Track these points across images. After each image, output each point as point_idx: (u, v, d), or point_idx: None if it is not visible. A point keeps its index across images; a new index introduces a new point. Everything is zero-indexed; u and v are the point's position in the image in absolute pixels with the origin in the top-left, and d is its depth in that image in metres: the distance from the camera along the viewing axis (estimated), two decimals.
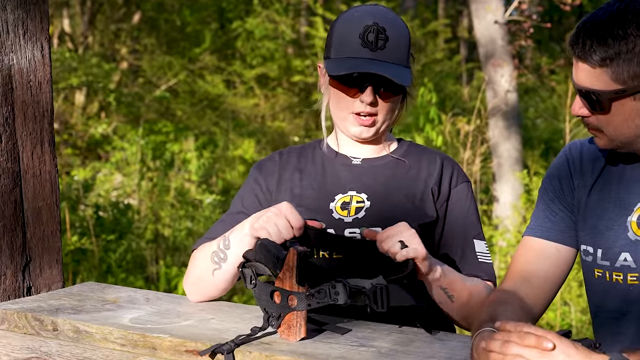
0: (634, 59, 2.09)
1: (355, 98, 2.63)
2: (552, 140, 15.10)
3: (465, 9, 20.87)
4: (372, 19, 2.61)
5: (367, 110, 2.63)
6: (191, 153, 12.99)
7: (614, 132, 2.22)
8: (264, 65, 17.12)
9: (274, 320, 2.29)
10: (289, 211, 2.39)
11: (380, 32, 2.60)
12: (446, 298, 2.49)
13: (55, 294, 2.78)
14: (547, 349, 1.85)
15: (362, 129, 2.66)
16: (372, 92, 2.60)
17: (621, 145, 2.24)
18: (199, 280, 2.62)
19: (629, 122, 2.18)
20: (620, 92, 2.14)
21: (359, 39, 2.59)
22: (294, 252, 2.25)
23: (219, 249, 2.54)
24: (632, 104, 2.15)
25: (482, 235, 2.74)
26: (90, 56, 16.82)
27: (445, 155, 2.80)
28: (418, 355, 2.15)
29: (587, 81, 2.17)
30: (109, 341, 2.39)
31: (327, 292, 2.21)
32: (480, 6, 11.04)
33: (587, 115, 2.23)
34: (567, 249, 2.40)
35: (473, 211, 2.75)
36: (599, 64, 2.13)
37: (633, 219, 2.26)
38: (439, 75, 17.41)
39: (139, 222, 10.60)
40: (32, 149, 2.79)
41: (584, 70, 2.17)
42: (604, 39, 2.11)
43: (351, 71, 2.57)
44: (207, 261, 2.58)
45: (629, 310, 2.27)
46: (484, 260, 2.67)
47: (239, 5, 18.89)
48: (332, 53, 2.65)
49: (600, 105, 2.18)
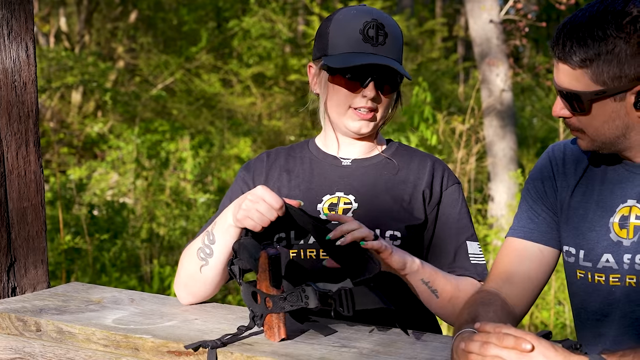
0: (613, 60, 2.09)
1: (356, 93, 2.63)
2: (548, 139, 15.10)
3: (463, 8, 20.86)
4: (371, 16, 2.64)
5: (368, 105, 2.63)
6: (187, 152, 12.97)
7: (595, 133, 2.22)
8: (261, 64, 17.11)
9: (258, 319, 2.29)
10: (266, 193, 2.37)
11: (380, 28, 2.62)
12: (430, 293, 2.49)
13: (40, 295, 2.78)
14: (526, 350, 1.85)
15: (362, 124, 2.66)
16: (374, 87, 2.61)
17: (603, 146, 2.25)
18: (189, 280, 2.60)
19: (609, 124, 2.19)
20: (600, 93, 2.14)
21: (360, 35, 2.61)
22: (265, 255, 2.25)
23: (204, 244, 2.53)
24: (613, 105, 2.16)
25: (474, 237, 2.74)
26: (86, 55, 16.80)
27: (435, 158, 2.80)
28: (399, 356, 2.16)
29: (568, 82, 2.18)
30: (91, 342, 2.39)
31: (299, 296, 2.21)
32: (476, 5, 11.04)
33: (569, 116, 2.24)
34: (549, 249, 2.40)
35: (465, 213, 2.75)
36: (578, 65, 2.13)
37: (615, 220, 2.27)
38: (435, 74, 17.41)
39: (134, 221, 10.59)
40: (17, 149, 2.78)
41: (564, 72, 2.18)
42: (583, 40, 2.11)
43: (360, 63, 2.57)
44: (194, 259, 2.57)
45: (610, 312, 2.27)
46: (477, 262, 2.67)
47: (235, 4, 18.88)
48: (330, 50, 2.65)
49: (580, 107, 2.18)
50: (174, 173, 12.59)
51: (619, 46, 2.09)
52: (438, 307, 2.53)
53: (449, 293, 2.52)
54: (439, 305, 2.52)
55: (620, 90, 2.13)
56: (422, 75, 14.02)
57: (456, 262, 2.67)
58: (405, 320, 2.53)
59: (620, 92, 2.14)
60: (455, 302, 2.52)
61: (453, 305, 2.52)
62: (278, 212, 2.35)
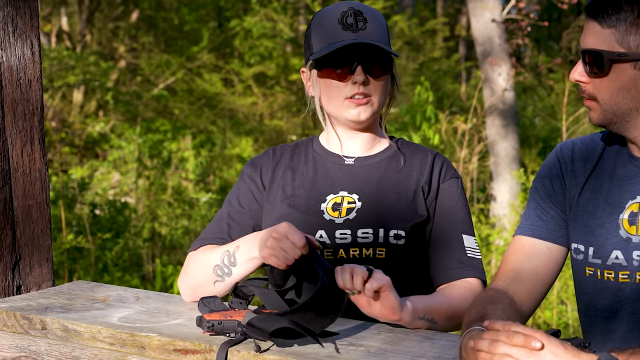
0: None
1: (346, 82, 2.63)
2: (550, 138, 15.10)
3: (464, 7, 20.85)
4: (347, 5, 2.65)
5: (361, 91, 2.62)
6: (188, 151, 12.97)
7: (608, 101, 2.22)
8: (262, 64, 17.09)
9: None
10: (290, 231, 2.36)
11: (358, 15, 2.63)
12: (429, 323, 2.46)
13: (45, 293, 2.77)
14: (536, 348, 1.84)
15: (359, 110, 2.64)
16: (363, 71, 2.61)
17: (613, 118, 2.24)
18: (199, 287, 2.60)
19: (624, 92, 2.19)
20: (622, 55, 2.16)
21: (339, 25, 2.62)
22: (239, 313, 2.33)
23: (224, 264, 2.54)
24: (632, 72, 2.18)
25: (471, 231, 2.72)
26: (88, 54, 16.79)
27: (436, 152, 2.79)
28: (407, 355, 2.14)
29: (593, 42, 2.20)
30: (97, 340, 2.38)
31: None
32: (478, 4, 11.03)
33: (585, 81, 2.25)
34: (558, 247, 2.40)
35: (462, 206, 2.73)
36: (608, 24, 2.17)
37: (624, 216, 2.26)
38: (437, 74, 17.40)
39: (136, 221, 10.58)
40: (22, 147, 2.78)
41: (592, 31, 2.21)
42: (618, 2, 2.15)
43: (342, 45, 2.58)
44: (209, 272, 2.57)
45: (619, 309, 2.26)
46: (472, 256, 2.66)
47: (237, 3, 18.86)
48: (315, 47, 2.67)
49: (600, 68, 2.20)
50: (176, 172, 12.59)
51: None
52: (440, 329, 2.51)
53: (445, 314, 2.49)
54: (440, 328, 2.50)
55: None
56: (424, 74, 14.01)
57: (452, 254, 2.66)
58: None
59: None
60: (454, 317, 2.50)
61: (453, 321, 2.51)
62: (302, 250, 2.34)
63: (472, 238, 2.70)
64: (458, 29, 23.41)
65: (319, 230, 2.62)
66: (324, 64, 2.65)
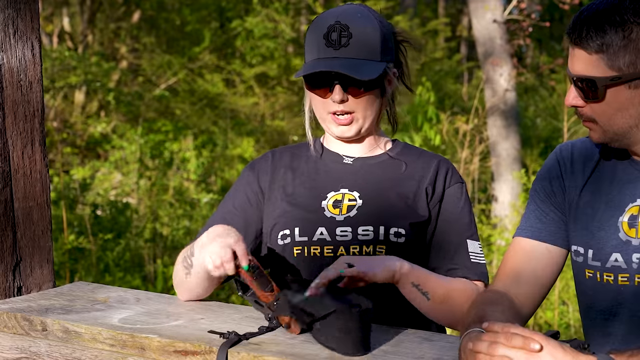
0: (629, 45, 2.10)
1: (327, 99, 2.64)
2: (552, 139, 15.08)
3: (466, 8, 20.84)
4: (335, 18, 2.63)
5: (341, 109, 2.63)
6: (190, 152, 12.98)
7: (607, 123, 2.21)
8: (264, 64, 17.09)
9: (274, 319, 2.35)
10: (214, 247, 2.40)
11: (343, 30, 2.61)
12: (420, 295, 2.48)
13: (46, 294, 2.77)
14: (534, 350, 1.85)
15: (343, 129, 2.67)
16: (341, 90, 2.61)
17: (614, 137, 2.24)
18: (179, 282, 2.65)
19: (623, 112, 2.18)
20: (615, 79, 2.14)
21: (323, 40, 2.62)
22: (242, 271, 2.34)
23: (187, 254, 2.57)
24: (627, 93, 2.16)
25: (476, 236, 2.73)
26: (89, 55, 16.80)
27: (441, 157, 2.79)
28: (407, 356, 2.15)
29: (583, 68, 2.18)
30: (98, 341, 2.39)
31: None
32: (479, 5, 11.03)
33: (581, 105, 2.23)
34: (557, 249, 2.40)
35: (467, 212, 2.74)
36: (595, 50, 2.14)
37: (624, 219, 2.26)
38: (439, 74, 17.40)
39: (137, 221, 10.59)
40: (23, 148, 2.78)
41: (580, 58, 2.18)
42: (600, 25, 2.12)
43: (307, 72, 2.60)
44: (180, 265, 2.62)
45: (619, 311, 2.26)
46: (476, 261, 2.66)
47: (238, 4, 18.86)
48: (306, 58, 2.69)
49: (594, 93, 2.18)
50: (177, 173, 12.59)
51: (636, 32, 2.10)
52: (429, 309, 2.52)
53: (441, 295, 2.51)
54: (430, 307, 2.51)
55: (635, 77, 2.13)
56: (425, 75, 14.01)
57: (456, 260, 2.66)
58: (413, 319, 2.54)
59: (636, 79, 2.14)
60: (448, 303, 2.51)
61: (446, 307, 2.52)
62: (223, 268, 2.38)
63: (476, 243, 2.71)
64: (460, 30, 23.41)
65: (319, 227, 2.63)
66: (307, 80, 2.67)
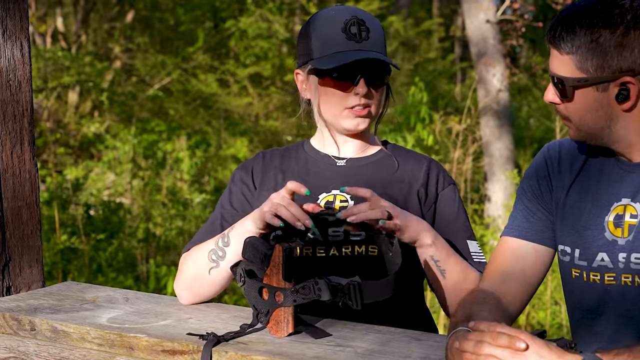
0: (597, 49, 2.14)
1: (348, 93, 2.63)
2: (544, 139, 15.09)
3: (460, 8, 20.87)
4: (350, 14, 2.65)
5: (362, 102, 2.64)
6: (183, 152, 12.97)
7: (579, 122, 2.25)
8: (258, 64, 17.09)
9: (263, 316, 2.32)
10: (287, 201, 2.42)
11: (361, 24, 2.63)
12: (438, 272, 2.50)
13: (35, 294, 2.78)
14: (520, 349, 1.85)
15: (359, 121, 2.67)
16: (365, 83, 2.62)
17: (588, 136, 2.28)
18: (195, 280, 2.60)
19: (592, 113, 2.22)
20: (582, 81, 2.18)
21: (343, 34, 2.61)
22: (279, 249, 2.28)
23: (218, 246, 2.53)
24: (595, 95, 2.19)
25: (473, 236, 2.75)
26: (83, 55, 16.79)
27: (430, 158, 2.80)
28: (394, 355, 2.16)
29: (556, 68, 2.23)
30: (86, 341, 2.39)
31: (312, 289, 2.24)
32: (473, 5, 11.04)
33: (558, 102, 2.28)
34: (544, 249, 2.41)
35: (462, 213, 2.76)
36: (566, 51, 2.19)
37: (610, 218, 2.27)
38: (432, 74, 17.41)
39: (130, 221, 10.58)
40: (12, 148, 2.78)
41: (554, 57, 2.24)
42: (572, 27, 2.17)
43: (352, 59, 2.57)
44: (204, 260, 2.57)
45: (605, 311, 2.27)
46: (479, 260, 2.68)
47: (232, 4, 18.85)
48: (315, 54, 2.65)
49: (564, 92, 2.23)
50: (171, 173, 12.58)
51: (604, 36, 2.13)
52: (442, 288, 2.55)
53: (456, 277, 2.54)
54: (441, 286, 2.54)
55: (602, 80, 2.16)
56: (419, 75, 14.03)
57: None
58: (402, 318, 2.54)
59: (603, 82, 2.16)
60: (460, 288, 2.53)
61: (457, 292, 2.53)
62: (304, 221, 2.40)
63: (475, 243, 2.73)
64: (453, 30, 23.43)
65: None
66: (326, 72, 2.65)
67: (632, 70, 2.14)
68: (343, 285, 2.21)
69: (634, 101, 2.17)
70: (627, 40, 2.12)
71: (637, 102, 2.18)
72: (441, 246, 2.53)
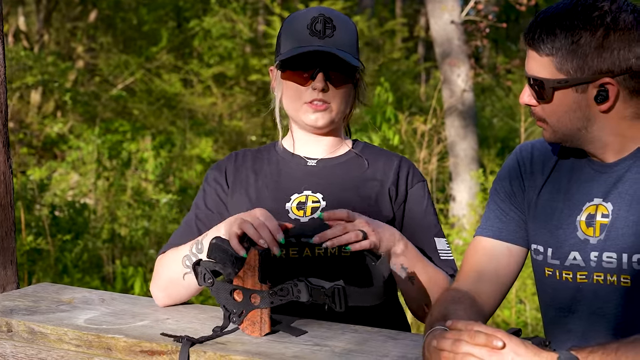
0: (577, 50, 2.17)
1: (307, 86, 2.66)
2: (508, 139, 15.21)
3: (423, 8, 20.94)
4: (318, 12, 2.69)
5: (320, 97, 2.66)
6: (148, 152, 12.93)
7: (556, 124, 2.28)
8: (222, 64, 17.06)
9: (236, 317, 2.32)
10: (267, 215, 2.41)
11: (327, 22, 2.66)
12: (407, 278, 2.52)
13: (10, 295, 2.77)
14: (497, 347, 1.88)
15: (317, 116, 2.68)
16: (323, 78, 2.64)
17: (564, 138, 2.30)
18: (170, 284, 2.61)
19: (570, 114, 2.25)
20: (562, 82, 2.21)
21: (307, 30, 2.66)
22: (255, 252, 2.29)
23: (191, 252, 2.54)
24: (574, 96, 2.22)
25: (441, 233, 2.77)
26: (45, 55, 16.66)
27: (401, 157, 2.83)
28: (371, 354, 2.18)
29: (535, 69, 2.25)
30: (63, 342, 2.39)
31: (290, 290, 2.26)
32: (437, 6, 11.09)
33: (534, 104, 2.31)
34: (518, 248, 2.44)
35: (431, 210, 2.78)
36: (546, 53, 2.21)
37: (582, 218, 2.30)
38: (397, 75, 17.46)
39: (95, 222, 10.53)
40: None
41: (533, 59, 2.26)
42: (552, 29, 2.19)
43: (303, 51, 2.62)
44: (178, 265, 2.57)
45: (578, 308, 2.31)
46: (446, 258, 2.71)
47: (196, 4, 18.82)
48: (282, 49, 2.70)
49: (543, 94, 2.25)
50: (135, 173, 12.54)
51: (585, 38, 2.16)
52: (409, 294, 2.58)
53: (423, 283, 2.56)
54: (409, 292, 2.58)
55: (582, 81, 2.19)
56: (383, 75, 14.06)
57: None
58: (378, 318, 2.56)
59: (582, 83, 2.20)
60: (428, 290, 2.56)
61: (423, 296, 2.57)
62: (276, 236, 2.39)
63: (443, 240, 2.75)
64: (417, 30, 23.52)
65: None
66: (287, 66, 2.68)
67: (611, 71, 2.17)
68: (326, 288, 2.23)
69: (612, 102, 2.21)
70: (607, 42, 2.16)
71: (615, 103, 2.22)
72: (411, 254, 2.55)
